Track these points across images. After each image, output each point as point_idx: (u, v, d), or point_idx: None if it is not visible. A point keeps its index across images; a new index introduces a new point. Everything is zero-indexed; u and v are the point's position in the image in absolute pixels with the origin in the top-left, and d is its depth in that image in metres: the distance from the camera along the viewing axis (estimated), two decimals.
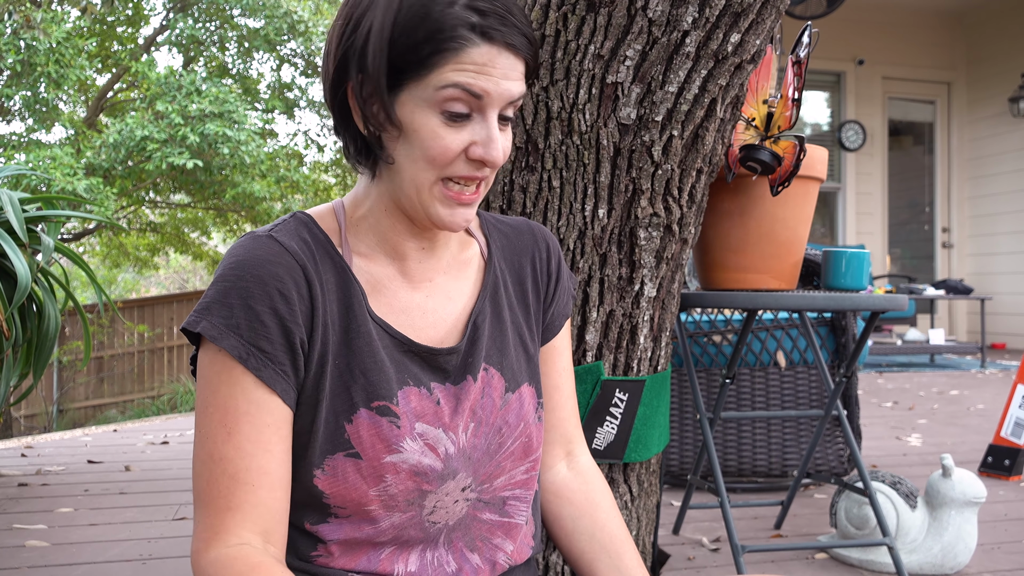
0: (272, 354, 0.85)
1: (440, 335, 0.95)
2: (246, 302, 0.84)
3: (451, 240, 1.00)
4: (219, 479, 0.83)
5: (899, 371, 6.58)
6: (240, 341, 0.84)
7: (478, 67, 0.84)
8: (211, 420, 0.84)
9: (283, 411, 0.86)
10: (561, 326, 1.08)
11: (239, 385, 0.84)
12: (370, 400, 0.88)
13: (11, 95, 7.52)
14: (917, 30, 8.57)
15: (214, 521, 0.83)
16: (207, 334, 0.84)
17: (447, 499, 0.92)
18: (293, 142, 10.70)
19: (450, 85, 0.84)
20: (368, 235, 0.94)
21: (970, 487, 1.97)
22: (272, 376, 0.85)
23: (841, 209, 8.50)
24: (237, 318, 0.84)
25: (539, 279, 1.05)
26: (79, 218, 7.61)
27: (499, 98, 0.86)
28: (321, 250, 0.91)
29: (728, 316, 2.69)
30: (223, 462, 0.83)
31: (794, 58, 1.63)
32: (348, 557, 0.90)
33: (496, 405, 0.96)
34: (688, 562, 2.06)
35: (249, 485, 0.83)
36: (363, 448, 0.87)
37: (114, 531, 2.30)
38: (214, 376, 0.85)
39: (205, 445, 0.84)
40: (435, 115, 0.85)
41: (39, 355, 2.55)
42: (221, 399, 0.84)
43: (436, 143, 0.85)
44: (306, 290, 0.87)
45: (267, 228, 0.91)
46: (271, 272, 0.85)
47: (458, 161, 0.87)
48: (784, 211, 1.69)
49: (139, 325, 9.58)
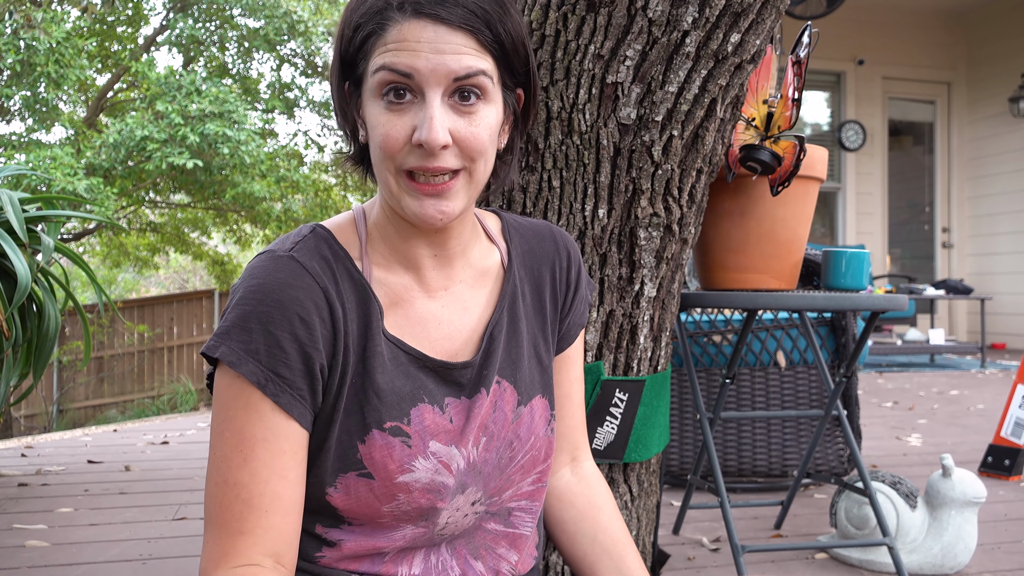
0: (291, 380, 0.83)
1: (455, 347, 0.93)
2: (266, 327, 0.83)
3: (468, 248, 0.96)
4: (232, 504, 0.82)
5: (899, 371, 6.58)
6: (259, 367, 0.82)
7: (399, 43, 0.81)
8: (226, 444, 0.83)
9: (300, 435, 0.85)
10: (576, 336, 1.06)
11: (256, 411, 0.83)
12: (383, 421, 0.87)
13: (11, 95, 7.52)
14: (917, 30, 8.57)
15: (225, 544, 0.82)
16: (226, 359, 0.82)
17: (457, 514, 0.92)
18: (293, 142, 10.69)
19: (379, 68, 0.82)
20: (381, 244, 0.92)
21: (970, 487, 1.97)
22: (290, 402, 0.83)
23: (841, 209, 8.50)
24: (256, 343, 0.82)
25: (558, 288, 1.03)
26: (79, 218, 7.61)
27: (433, 74, 0.81)
28: (341, 268, 0.89)
29: (728, 316, 2.69)
30: (237, 487, 0.82)
31: (794, 58, 1.63)
32: (352, 560, 0.90)
33: (508, 419, 0.95)
34: (688, 562, 2.06)
35: (262, 511, 0.82)
36: (375, 469, 0.87)
37: (114, 531, 2.30)
38: (231, 401, 0.83)
39: (220, 469, 0.83)
40: (378, 101, 0.83)
41: (39, 355, 2.55)
42: (238, 424, 0.83)
43: (379, 131, 0.83)
44: (327, 314, 0.85)
45: (287, 246, 0.88)
46: (292, 296, 0.84)
47: (407, 150, 0.83)
48: (784, 211, 1.69)
49: (139, 325, 9.58)
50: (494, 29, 0.84)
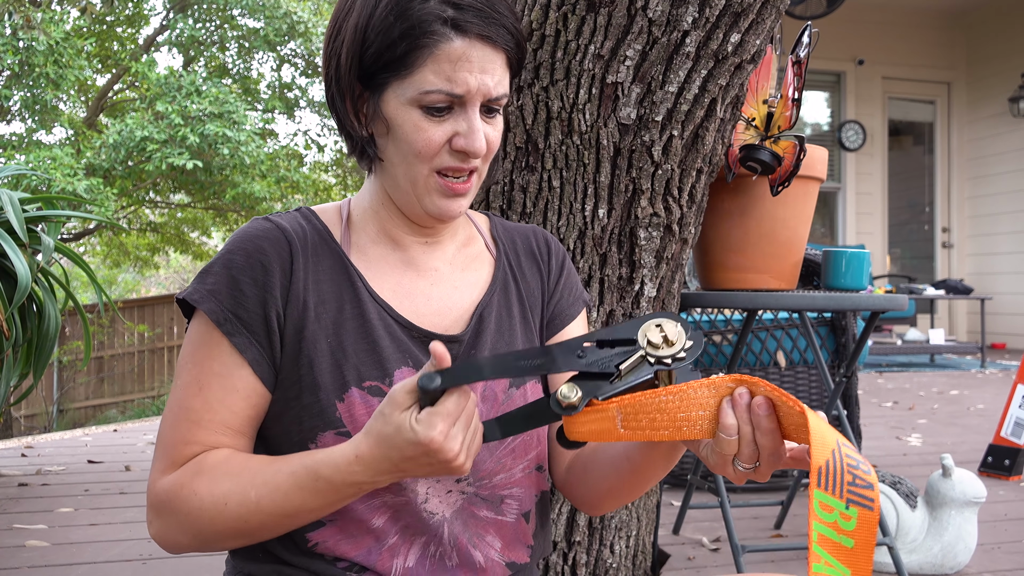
0: (247, 322, 0.88)
1: (445, 323, 0.96)
2: (229, 271, 0.89)
3: (457, 234, 1.01)
4: (181, 423, 0.87)
5: (899, 371, 6.58)
6: (219, 306, 0.88)
7: (453, 64, 0.86)
8: (187, 375, 0.89)
9: (253, 382, 0.88)
10: (563, 326, 1.06)
11: (216, 347, 0.88)
12: (361, 380, 0.89)
13: (10, 96, 7.52)
14: (917, 30, 8.57)
15: (171, 454, 0.87)
16: (190, 298, 0.89)
17: (438, 486, 0.91)
18: (293, 142, 10.70)
19: (433, 90, 0.86)
20: (369, 225, 0.97)
21: (970, 487, 1.97)
22: (244, 344, 0.88)
23: (841, 209, 8.50)
24: (219, 285, 0.88)
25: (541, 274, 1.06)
26: (79, 218, 7.61)
27: (479, 93, 0.88)
28: (317, 236, 0.94)
29: (728, 316, 2.69)
30: (189, 411, 0.87)
31: (794, 58, 1.63)
32: (348, 543, 0.90)
33: (499, 399, 0.95)
34: (688, 562, 2.06)
35: (210, 431, 0.87)
36: (355, 427, 0.88)
37: (114, 531, 2.30)
38: (196, 336, 0.89)
39: (177, 397, 0.89)
40: (416, 110, 0.88)
41: (39, 355, 2.55)
42: (198, 358, 0.88)
43: (419, 136, 0.88)
44: (288, 265, 0.90)
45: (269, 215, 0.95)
46: (257, 246, 0.90)
47: (443, 153, 0.89)
48: (784, 211, 1.69)
49: (139, 325, 9.57)
50: (520, 48, 0.92)
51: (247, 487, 0.83)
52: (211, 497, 0.83)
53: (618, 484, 0.95)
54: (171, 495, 0.85)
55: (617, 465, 0.94)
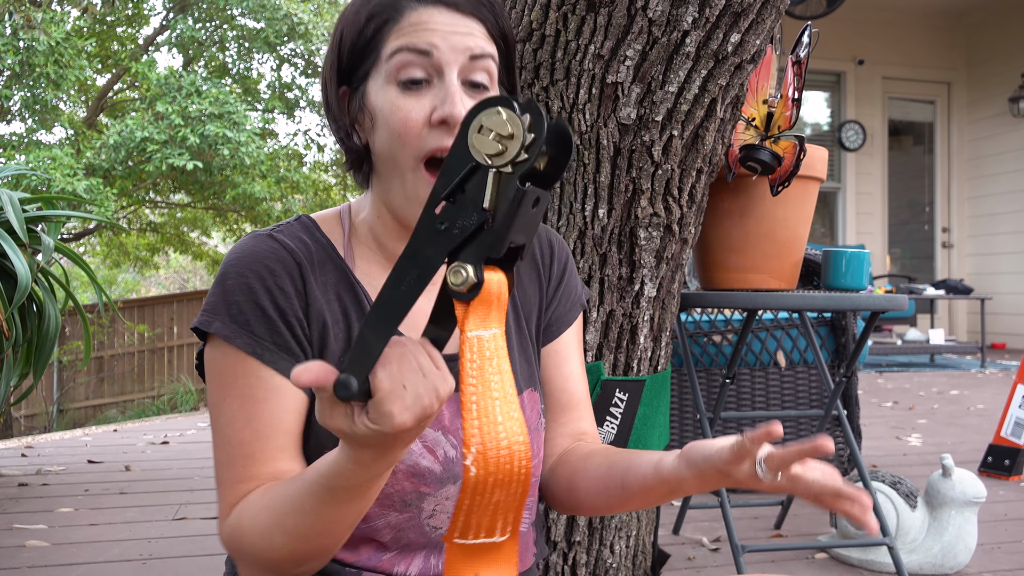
0: (284, 345, 0.86)
1: None
2: (251, 299, 0.86)
3: None
4: (236, 460, 0.85)
5: (899, 371, 6.58)
6: (252, 338, 0.85)
7: (416, 26, 0.84)
8: (229, 409, 0.85)
9: (302, 396, 0.87)
10: (559, 332, 1.05)
11: (254, 375, 0.85)
12: None
13: (10, 96, 7.52)
14: (917, 30, 8.57)
15: (229, 496, 0.85)
16: (220, 334, 0.85)
17: (447, 503, 0.91)
18: (293, 142, 10.68)
19: (396, 51, 0.84)
20: (368, 239, 0.95)
21: (970, 487, 1.97)
22: (285, 366, 0.85)
23: (841, 209, 8.50)
24: (246, 316, 0.85)
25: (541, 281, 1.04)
26: (79, 218, 7.61)
27: (452, 50, 0.84)
28: (322, 252, 0.92)
29: (728, 316, 2.69)
30: (241, 446, 0.84)
31: (794, 58, 1.63)
32: (348, 551, 0.90)
33: None
34: (688, 562, 2.06)
35: (266, 462, 0.85)
36: None
37: (114, 531, 2.30)
38: (229, 368, 0.86)
39: (224, 433, 0.85)
40: (392, 87, 0.86)
41: (39, 355, 2.55)
42: (238, 389, 0.85)
43: (397, 115, 0.85)
44: (301, 285, 0.88)
45: (269, 228, 0.92)
46: (269, 268, 0.87)
47: (426, 132, 0.85)
48: (784, 211, 1.69)
49: (139, 325, 9.57)
50: (499, 21, 0.89)
51: (283, 518, 0.80)
52: (260, 537, 0.81)
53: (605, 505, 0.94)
54: (232, 540, 0.84)
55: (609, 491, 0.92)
